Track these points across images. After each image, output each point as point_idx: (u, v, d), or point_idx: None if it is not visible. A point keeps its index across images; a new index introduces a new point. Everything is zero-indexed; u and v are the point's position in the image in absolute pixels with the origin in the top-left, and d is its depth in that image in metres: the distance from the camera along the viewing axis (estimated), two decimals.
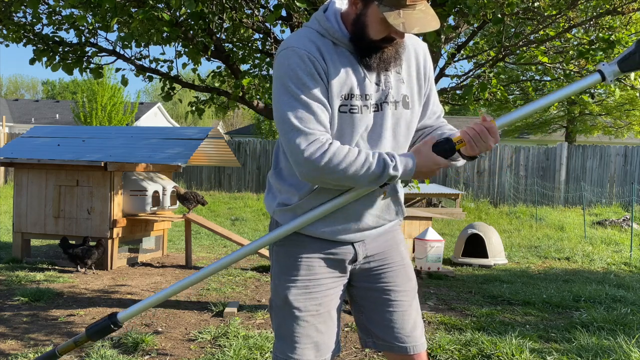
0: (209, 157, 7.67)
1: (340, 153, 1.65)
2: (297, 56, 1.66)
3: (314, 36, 1.72)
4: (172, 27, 3.97)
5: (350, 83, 1.71)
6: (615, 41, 4.20)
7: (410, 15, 1.60)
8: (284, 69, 1.68)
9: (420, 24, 1.61)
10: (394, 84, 1.78)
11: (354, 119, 1.72)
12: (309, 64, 1.66)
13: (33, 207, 6.39)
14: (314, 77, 1.66)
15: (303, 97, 1.65)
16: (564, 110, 19.90)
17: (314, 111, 1.65)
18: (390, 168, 1.67)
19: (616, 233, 9.86)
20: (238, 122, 55.84)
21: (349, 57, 1.72)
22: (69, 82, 56.35)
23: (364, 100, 1.73)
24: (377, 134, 1.76)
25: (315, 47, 1.69)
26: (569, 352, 3.56)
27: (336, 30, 1.71)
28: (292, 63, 1.66)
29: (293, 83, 1.65)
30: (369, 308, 1.91)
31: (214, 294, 5.17)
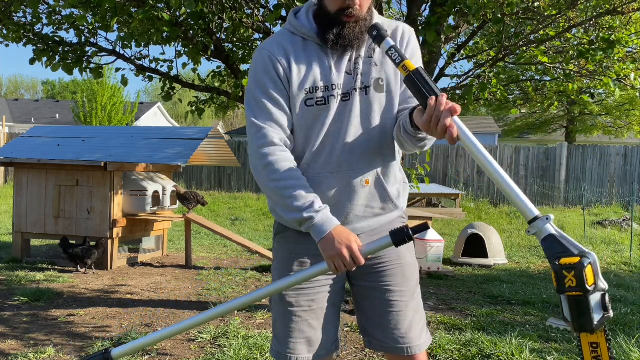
0: (209, 157, 7.67)
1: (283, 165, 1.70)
2: (260, 57, 1.77)
3: (284, 36, 1.80)
4: (172, 27, 3.97)
5: (314, 76, 1.74)
6: (615, 41, 4.20)
7: None
8: (251, 69, 1.80)
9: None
10: (363, 68, 1.77)
11: (320, 111, 1.75)
12: (269, 65, 1.74)
13: (33, 207, 6.39)
14: (273, 78, 1.74)
15: (261, 97, 1.74)
16: (564, 110, 19.90)
17: (269, 110, 1.73)
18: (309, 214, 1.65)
19: (616, 233, 9.86)
20: (238, 122, 55.83)
21: (317, 51, 1.77)
22: (69, 82, 56.37)
23: (330, 90, 1.75)
24: (345, 123, 1.77)
25: (281, 47, 1.76)
26: (569, 352, 3.56)
27: (304, 25, 1.78)
28: (256, 64, 1.78)
29: (255, 83, 1.77)
30: (367, 307, 1.90)
31: (214, 294, 5.17)
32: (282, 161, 1.70)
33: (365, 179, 1.79)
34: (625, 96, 15.45)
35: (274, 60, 1.74)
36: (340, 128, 1.77)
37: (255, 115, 1.74)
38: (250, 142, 1.75)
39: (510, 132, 25.15)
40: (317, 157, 1.78)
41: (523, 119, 23.06)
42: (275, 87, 1.74)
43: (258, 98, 1.74)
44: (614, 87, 4.60)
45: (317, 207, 1.66)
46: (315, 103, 1.75)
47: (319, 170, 1.79)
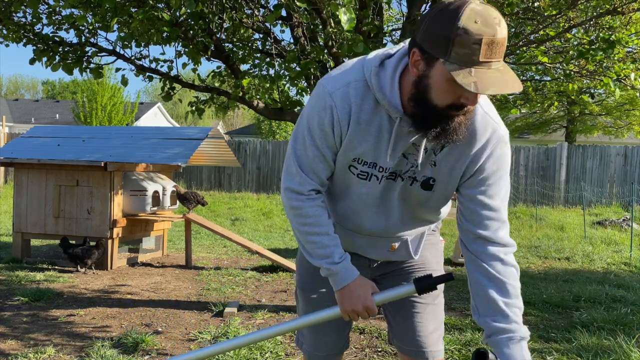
0: (209, 157, 7.67)
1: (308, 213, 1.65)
2: (322, 103, 1.58)
3: (357, 88, 1.56)
4: (172, 27, 3.97)
5: (367, 150, 1.60)
6: (615, 41, 4.20)
7: (485, 74, 1.36)
8: (310, 105, 1.63)
9: (498, 84, 1.36)
10: (422, 162, 1.60)
11: (360, 182, 1.67)
12: (328, 118, 1.57)
13: (33, 207, 6.39)
14: (327, 133, 1.59)
15: (309, 142, 1.62)
16: (564, 110, 19.90)
17: (312, 159, 1.63)
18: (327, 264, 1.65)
19: (616, 233, 9.86)
20: (238, 122, 55.84)
21: (383, 123, 1.56)
22: (69, 82, 56.37)
23: (376, 170, 1.63)
24: (382, 199, 1.70)
25: (348, 103, 1.56)
26: (569, 352, 3.56)
27: (384, 92, 1.53)
28: (317, 107, 1.60)
29: (307, 126, 1.61)
30: (391, 309, 1.94)
31: (214, 294, 5.17)
32: (309, 207, 1.65)
33: (392, 244, 1.84)
34: (625, 96, 15.44)
35: (334, 116, 1.56)
36: (378, 203, 1.71)
37: (298, 157, 1.64)
38: (284, 179, 1.68)
39: (510, 132, 25.09)
40: (348, 218, 1.79)
41: (523, 119, 23.05)
42: (326, 141, 1.60)
43: (307, 142, 1.62)
44: (614, 87, 4.59)
45: (336, 259, 1.65)
46: (357, 175, 1.66)
47: (348, 228, 1.81)
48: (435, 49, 1.38)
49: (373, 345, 3.81)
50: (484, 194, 1.62)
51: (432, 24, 1.40)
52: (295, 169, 1.64)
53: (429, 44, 1.40)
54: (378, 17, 4.13)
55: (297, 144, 1.64)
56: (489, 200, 1.62)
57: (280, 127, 28.00)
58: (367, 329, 4.07)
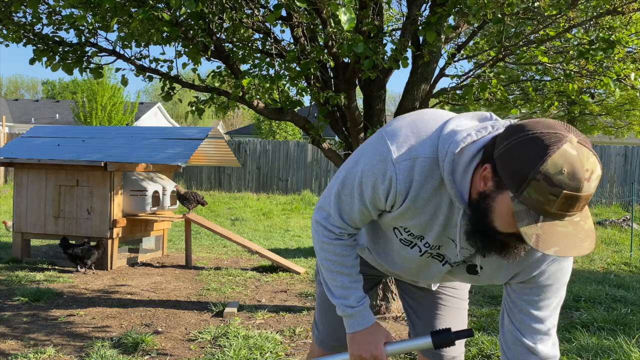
0: (209, 157, 7.67)
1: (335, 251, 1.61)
2: (382, 169, 1.42)
3: (424, 165, 1.39)
4: (172, 27, 3.97)
5: (417, 225, 1.49)
6: (615, 41, 4.20)
7: (552, 227, 1.21)
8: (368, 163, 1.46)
9: (563, 244, 1.21)
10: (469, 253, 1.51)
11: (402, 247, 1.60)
12: (383, 186, 1.43)
13: (33, 207, 6.39)
14: (377, 196, 1.46)
15: (357, 197, 1.51)
16: (564, 110, 19.91)
17: (353, 211, 1.54)
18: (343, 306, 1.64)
19: (616, 233, 9.86)
20: (238, 122, 55.84)
21: (442, 205, 1.43)
22: (69, 82, 56.38)
23: (424, 245, 1.54)
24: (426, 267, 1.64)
25: (409, 180, 1.40)
26: (569, 352, 3.56)
27: (455, 182, 1.37)
28: (375, 170, 1.44)
29: (360, 179, 1.48)
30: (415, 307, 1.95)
31: (214, 294, 5.17)
32: (338, 245, 1.61)
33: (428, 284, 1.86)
34: (625, 96, 15.43)
35: (392, 186, 1.42)
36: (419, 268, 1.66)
37: (339, 203, 1.55)
38: (318, 212, 1.62)
39: None
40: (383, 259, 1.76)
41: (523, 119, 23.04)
42: (375, 203, 1.49)
43: (353, 195, 1.51)
44: (614, 87, 4.59)
45: (354, 303, 1.63)
46: (400, 240, 1.57)
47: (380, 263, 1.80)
48: (509, 179, 1.23)
49: None
50: (533, 304, 1.54)
51: (516, 149, 1.22)
52: (333, 211, 1.57)
53: (503, 170, 1.24)
54: (378, 17, 4.13)
55: (344, 190, 1.53)
56: (536, 311, 1.54)
57: (280, 127, 28.00)
58: None
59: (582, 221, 1.24)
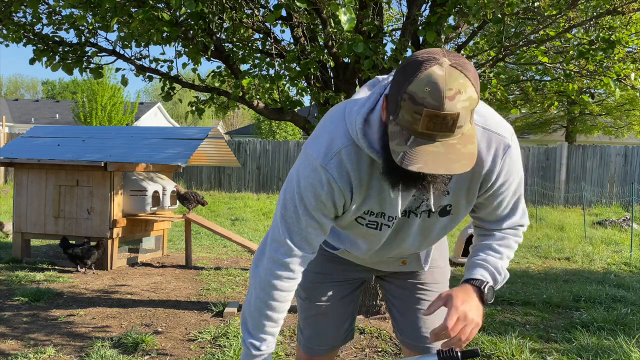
0: (209, 157, 7.67)
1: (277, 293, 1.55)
2: (317, 178, 1.47)
3: (349, 153, 1.45)
4: (172, 27, 3.97)
5: (373, 205, 1.53)
6: (615, 41, 4.20)
7: (422, 147, 1.25)
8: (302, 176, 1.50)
9: (430, 162, 1.24)
10: (434, 197, 1.53)
11: (369, 231, 1.62)
12: (326, 190, 1.47)
13: (33, 207, 6.39)
14: (325, 203, 1.49)
15: (302, 214, 1.51)
16: (564, 110, 19.90)
17: (306, 232, 1.53)
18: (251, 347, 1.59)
19: (616, 233, 9.86)
20: (238, 122, 55.84)
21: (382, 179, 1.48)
22: (69, 82, 56.39)
23: (386, 219, 1.57)
24: (397, 238, 1.65)
25: (345, 172, 1.45)
26: (569, 352, 3.56)
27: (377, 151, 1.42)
28: (310, 180, 1.48)
29: (301, 197, 1.50)
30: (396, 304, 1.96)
31: (214, 294, 5.17)
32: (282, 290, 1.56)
33: (403, 260, 1.85)
34: (625, 96, 15.44)
35: (334, 186, 1.46)
36: (393, 240, 1.67)
37: (287, 227, 1.53)
38: (270, 246, 1.57)
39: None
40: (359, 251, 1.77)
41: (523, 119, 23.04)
42: (325, 211, 1.51)
43: (297, 213, 1.51)
44: (614, 87, 4.59)
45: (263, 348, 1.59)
46: (366, 225, 1.59)
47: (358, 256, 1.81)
48: (390, 105, 1.31)
49: (373, 345, 3.81)
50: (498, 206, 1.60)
51: (396, 76, 1.30)
52: (284, 238, 1.53)
53: (388, 98, 1.33)
54: (378, 17, 4.13)
55: (287, 213, 1.52)
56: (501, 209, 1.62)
57: (280, 127, 28.00)
58: (367, 329, 4.07)
59: (460, 144, 1.26)
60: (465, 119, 1.24)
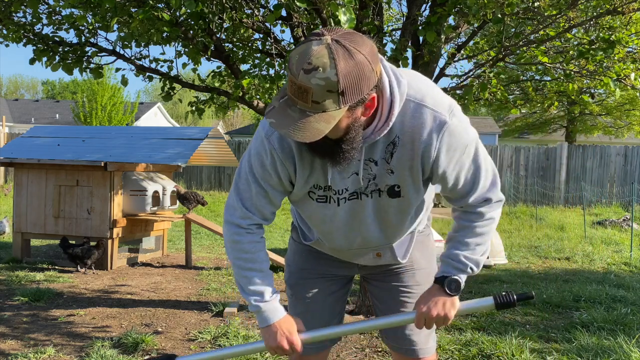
0: (209, 157, 7.67)
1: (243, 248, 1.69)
2: (262, 147, 1.62)
3: None
4: (172, 27, 3.97)
5: (317, 178, 1.63)
6: (615, 41, 4.20)
7: (284, 108, 1.39)
8: (252, 146, 1.67)
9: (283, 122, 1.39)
10: (378, 174, 1.61)
11: (320, 206, 1.70)
12: (269, 160, 1.61)
13: (33, 207, 6.39)
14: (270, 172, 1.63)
15: (252, 180, 1.66)
16: (564, 110, 19.91)
17: (255, 195, 1.67)
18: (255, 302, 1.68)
19: (616, 233, 9.86)
20: (238, 122, 55.85)
21: None
22: (69, 82, 56.40)
23: (331, 192, 1.65)
24: (355, 218, 1.71)
25: (287, 144, 1.59)
26: (569, 352, 3.56)
27: None
28: (257, 149, 1.64)
29: (249, 167, 1.66)
30: (380, 307, 1.97)
31: (214, 294, 5.17)
32: (247, 242, 1.69)
33: (377, 252, 1.85)
34: (625, 96, 15.46)
35: (276, 157, 1.60)
36: (349, 223, 1.72)
37: (239, 193, 1.69)
38: (225, 213, 1.73)
39: (510, 132, 25.15)
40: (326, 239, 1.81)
41: (523, 119, 23.07)
42: (270, 180, 1.65)
43: (249, 179, 1.67)
44: (614, 87, 4.59)
45: (266, 298, 1.68)
46: (316, 199, 1.69)
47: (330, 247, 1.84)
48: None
49: (373, 345, 3.81)
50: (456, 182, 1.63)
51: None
52: (237, 204, 1.69)
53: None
54: (378, 17, 4.13)
55: (240, 180, 1.69)
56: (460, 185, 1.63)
57: None
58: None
59: (314, 120, 1.36)
60: (322, 96, 1.33)
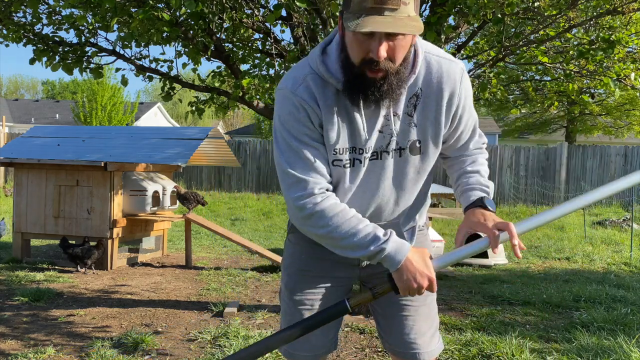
0: (209, 157, 7.67)
1: (330, 211, 1.57)
2: (290, 103, 1.58)
3: (315, 80, 1.58)
4: (172, 27, 3.97)
5: (344, 136, 1.60)
6: (615, 41, 4.20)
7: (373, 18, 1.39)
8: (279, 113, 1.61)
9: (380, 25, 1.38)
10: (400, 129, 1.61)
11: (347, 172, 1.64)
12: (302, 112, 1.57)
13: (33, 207, 6.39)
14: (308, 126, 1.58)
15: (297, 145, 1.58)
16: (564, 110, 19.91)
17: (308, 158, 1.58)
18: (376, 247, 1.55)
19: (616, 233, 9.86)
20: (238, 122, 55.83)
21: (348, 106, 1.58)
22: (69, 82, 56.39)
23: (357, 153, 1.62)
24: (373, 182, 1.67)
25: (312, 94, 1.57)
26: (569, 352, 3.56)
27: (333, 75, 1.56)
28: (287, 109, 1.59)
29: (286, 130, 1.59)
30: (380, 311, 1.91)
31: (214, 294, 5.17)
32: (327, 207, 1.57)
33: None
34: (625, 96, 15.46)
35: (307, 108, 1.56)
36: (367, 188, 1.68)
37: (292, 164, 1.58)
38: (287, 194, 1.61)
39: (510, 132, 25.15)
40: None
41: (523, 119, 23.07)
42: (312, 134, 1.58)
43: (294, 146, 1.58)
44: (614, 87, 4.59)
45: (382, 237, 1.56)
46: (343, 165, 1.62)
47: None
48: (343, 7, 1.47)
49: (373, 345, 3.81)
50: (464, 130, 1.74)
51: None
52: (294, 178, 1.58)
53: (342, 8, 1.49)
54: None
55: (285, 154, 1.60)
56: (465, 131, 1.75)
57: None
58: (367, 329, 4.07)
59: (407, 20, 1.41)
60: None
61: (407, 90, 1.59)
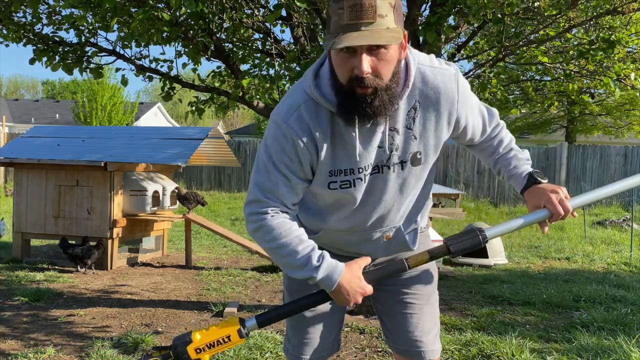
0: (209, 157, 7.67)
1: (276, 227, 1.62)
2: (280, 132, 1.59)
3: (307, 107, 1.58)
4: (172, 27, 3.97)
5: (339, 159, 1.61)
6: (615, 41, 4.20)
7: (350, 35, 1.40)
8: (267, 136, 1.64)
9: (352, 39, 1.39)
10: (401, 143, 1.62)
11: (345, 192, 1.66)
12: (289, 144, 1.58)
13: (33, 207, 6.39)
14: (290, 157, 1.59)
15: (272, 169, 1.62)
16: (564, 110, 19.91)
17: (277, 185, 1.62)
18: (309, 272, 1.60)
19: (616, 233, 9.86)
20: (238, 122, 55.83)
21: (343, 127, 1.58)
22: (69, 82, 56.37)
23: (356, 174, 1.63)
24: (375, 197, 1.69)
25: (305, 125, 1.57)
26: (569, 352, 3.56)
27: (327, 98, 1.56)
28: (275, 136, 1.61)
29: (268, 153, 1.62)
30: (384, 310, 1.92)
31: (214, 294, 5.17)
32: (272, 221, 1.63)
33: (387, 235, 1.81)
34: (625, 96, 15.45)
35: (295, 140, 1.57)
36: (370, 201, 1.70)
37: (260, 185, 1.64)
38: (246, 209, 1.69)
39: (510, 132, 25.11)
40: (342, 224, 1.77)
41: (523, 119, 23.05)
42: (292, 166, 1.61)
43: (269, 169, 1.62)
44: (614, 87, 4.59)
45: (315, 262, 1.60)
46: (340, 187, 1.64)
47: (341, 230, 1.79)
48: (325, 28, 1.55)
49: (373, 345, 3.81)
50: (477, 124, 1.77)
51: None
52: (257, 196, 1.64)
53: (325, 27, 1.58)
54: None
55: (259, 174, 1.64)
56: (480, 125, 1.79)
57: None
58: (367, 329, 4.07)
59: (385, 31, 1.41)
60: (385, 9, 1.41)
61: (405, 104, 1.60)
